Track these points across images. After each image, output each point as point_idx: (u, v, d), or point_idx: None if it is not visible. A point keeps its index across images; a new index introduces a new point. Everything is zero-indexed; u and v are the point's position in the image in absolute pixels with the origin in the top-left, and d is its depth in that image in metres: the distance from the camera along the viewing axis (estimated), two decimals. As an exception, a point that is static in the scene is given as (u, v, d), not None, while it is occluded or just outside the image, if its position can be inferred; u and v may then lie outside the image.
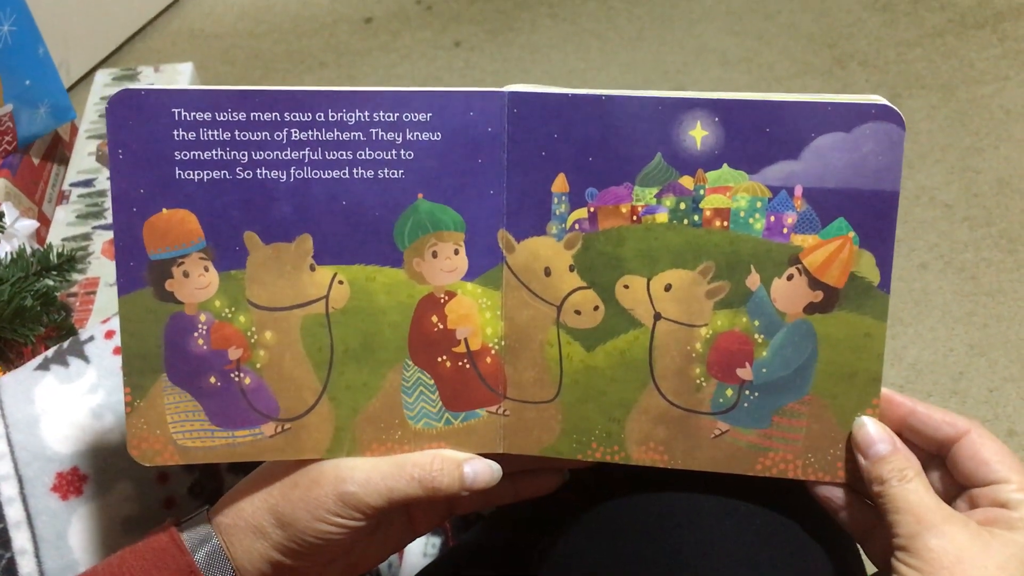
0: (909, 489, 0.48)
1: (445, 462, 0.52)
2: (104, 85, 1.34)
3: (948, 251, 1.38)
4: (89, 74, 1.76)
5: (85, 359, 0.64)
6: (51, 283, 0.91)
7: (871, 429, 0.50)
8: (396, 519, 0.57)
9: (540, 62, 1.78)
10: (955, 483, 0.51)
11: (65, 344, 0.66)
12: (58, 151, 1.30)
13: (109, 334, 0.66)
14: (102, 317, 1.00)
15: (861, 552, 0.58)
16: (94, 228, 1.16)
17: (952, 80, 1.63)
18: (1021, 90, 1.59)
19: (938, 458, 0.52)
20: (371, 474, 0.51)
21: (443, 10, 1.92)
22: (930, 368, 1.26)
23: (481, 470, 0.52)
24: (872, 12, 1.78)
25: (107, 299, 1.05)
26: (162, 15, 1.94)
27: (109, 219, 1.16)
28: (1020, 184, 1.46)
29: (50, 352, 0.66)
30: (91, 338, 0.66)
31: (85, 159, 1.25)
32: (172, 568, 0.51)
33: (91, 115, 1.31)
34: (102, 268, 1.10)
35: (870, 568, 0.55)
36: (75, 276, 1.03)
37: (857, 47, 1.71)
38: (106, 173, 1.22)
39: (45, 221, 1.21)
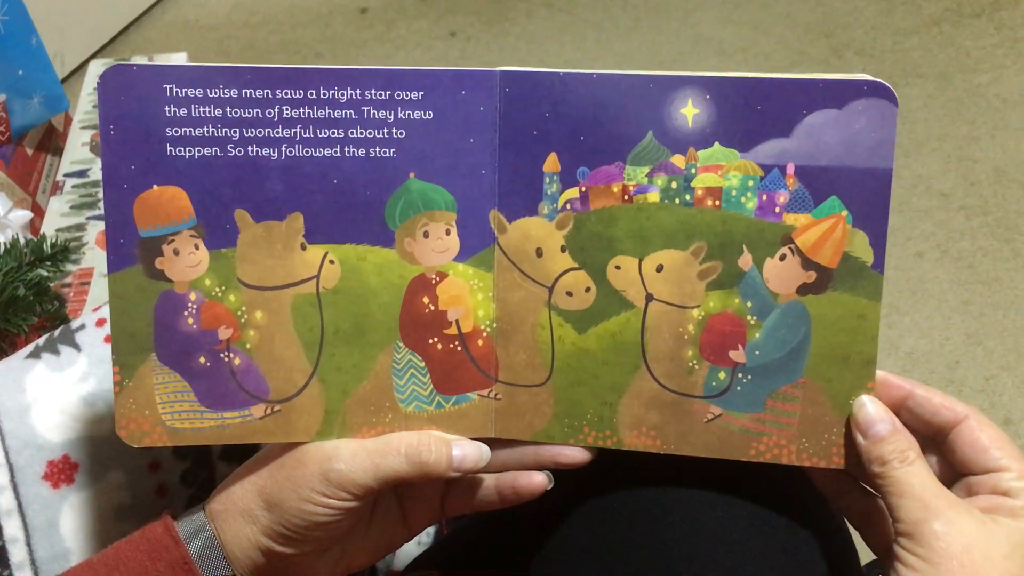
0: (911, 472, 0.47)
1: (433, 439, 0.51)
2: (98, 76, 1.33)
3: (944, 240, 1.38)
4: (83, 65, 1.75)
5: (76, 347, 0.64)
6: (44, 273, 0.90)
7: (871, 409, 0.50)
8: (389, 513, 0.56)
9: (536, 52, 1.77)
10: (952, 469, 0.50)
11: (56, 332, 0.65)
12: (52, 142, 1.29)
13: (100, 322, 0.65)
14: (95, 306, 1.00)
15: (855, 539, 0.58)
16: (88, 219, 1.15)
17: (949, 69, 1.63)
18: (1018, 78, 1.59)
19: (933, 443, 0.51)
20: (358, 451, 0.50)
21: (438, 0, 1.92)
22: (926, 357, 1.25)
23: (470, 451, 0.52)
24: (869, 1, 1.78)
25: (101, 290, 1.05)
26: (156, 6, 1.93)
27: (103, 210, 1.16)
28: (1017, 173, 1.45)
29: (41, 340, 0.65)
30: (82, 326, 0.65)
31: (79, 150, 1.24)
32: (166, 559, 0.50)
33: (85, 106, 1.30)
34: (96, 258, 1.09)
35: (863, 554, 0.55)
36: (69, 267, 1.03)
37: (854, 36, 1.71)
38: (100, 164, 1.21)
39: (39, 212, 1.21)
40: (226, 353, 0.51)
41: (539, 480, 0.54)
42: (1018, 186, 1.44)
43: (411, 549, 0.80)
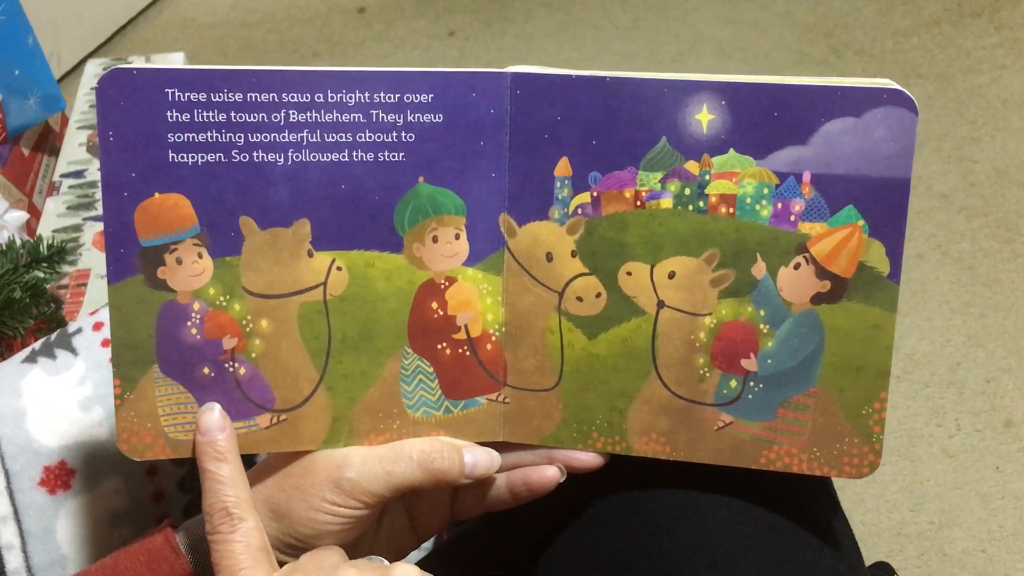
0: None
1: (445, 446, 0.51)
2: (94, 76, 1.33)
3: (945, 241, 1.37)
4: (80, 64, 1.74)
5: (73, 351, 0.63)
6: (41, 275, 0.89)
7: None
8: (396, 520, 0.56)
9: (535, 52, 1.77)
10: None
11: (53, 336, 0.65)
12: (48, 142, 1.28)
13: (97, 326, 0.65)
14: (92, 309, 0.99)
15: (858, 543, 0.58)
16: (85, 219, 1.14)
17: (949, 69, 1.62)
18: (1018, 79, 1.59)
19: None
20: (368, 459, 0.50)
21: (437, -1, 1.91)
22: (927, 359, 1.25)
23: (481, 457, 0.51)
24: (868, 1, 1.78)
25: (98, 291, 1.04)
26: (153, 5, 1.93)
27: (100, 210, 1.15)
28: (1017, 174, 1.45)
29: (37, 344, 0.65)
30: (79, 330, 0.65)
31: (76, 150, 1.24)
32: (166, 571, 0.50)
33: (82, 106, 1.30)
34: (93, 260, 1.09)
35: (870, 558, 0.55)
36: (65, 268, 1.02)
37: (853, 36, 1.71)
38: (97, 164, 1.21)
39: (35, 212, 1.20)
40: (231, 363, 0.50)
41: (552, 474, 0.53)
42: (1019, 187, 1.44)
43: (411, 554, 0.80)
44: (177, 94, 0.47)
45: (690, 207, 0.49)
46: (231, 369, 0.50)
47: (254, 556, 0.46)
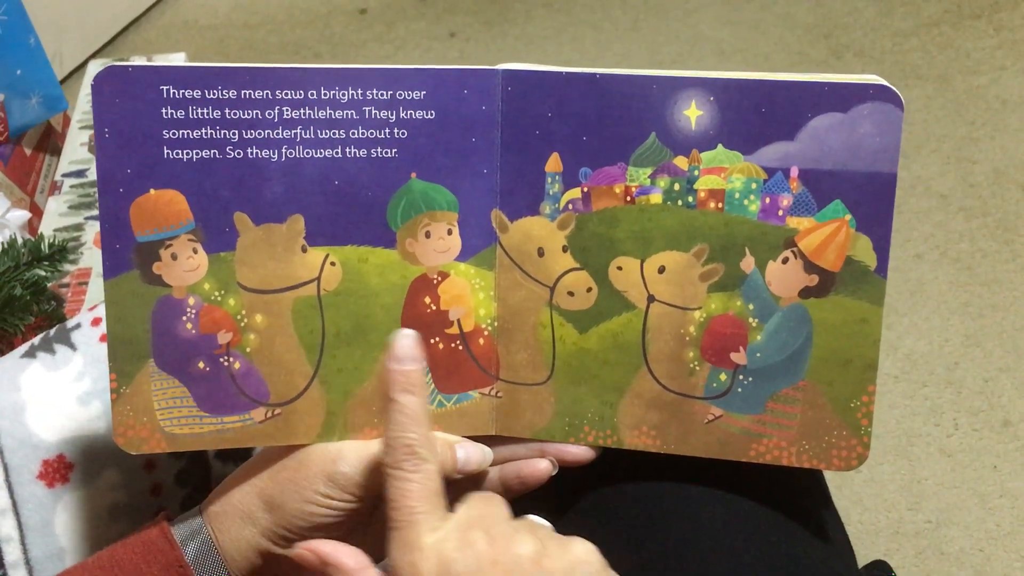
0: None
1: (438, 441, 0.51)
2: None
3: (943, 241, 1.38)
4: (82, 65, 1.75)
5: (72, 346, 0.64)
6: (42, 273, 0.90)
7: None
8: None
9: (535, 53, 1.77)
10: None
11: (52, 331, 0.65)
12: (50, 142, 1.29)
13: (96, 321, 0.65)
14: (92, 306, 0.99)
15: (854, 540, 0.58)
16: (86, 219, 1.15)
17: (948, 70, 1.62)
18: (1017, 80, 1.59)
19: None
20: (361, 453, 0.50)
21: (438, 1, 1.91)
22: (925, 359, 1.25)
23: (473, 452, 0.52)
24: (868, 2, 1.78)
25: (99, 290, 1.04)
26: (155, 6, 1.93)
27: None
28: (1016, 174, 1.45)
29: (36, 339, 0.65)
30: (78, 325, 0.65)
31: (77, 150, 1.24)
32: (162, 562, 0.50)
33: (83, 105, 1.30)
34: (94, 258, 1.09)
35: (868, 557, 0.55)
36: (67, 267, 1.02)
37: (853, 37, 1.71)
38: (97, 164, 1.21)
39: (37, 212, 1.20)
40: (226, 357, 0.51)
41: (544, 467, 0.53)
42: (1017, 188, 1.44)
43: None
44: (172, 91, 0.48)
45: (679, 202, 0.50)
46: (226, 363, 0.51)
47: (432, 501, 0.45)
